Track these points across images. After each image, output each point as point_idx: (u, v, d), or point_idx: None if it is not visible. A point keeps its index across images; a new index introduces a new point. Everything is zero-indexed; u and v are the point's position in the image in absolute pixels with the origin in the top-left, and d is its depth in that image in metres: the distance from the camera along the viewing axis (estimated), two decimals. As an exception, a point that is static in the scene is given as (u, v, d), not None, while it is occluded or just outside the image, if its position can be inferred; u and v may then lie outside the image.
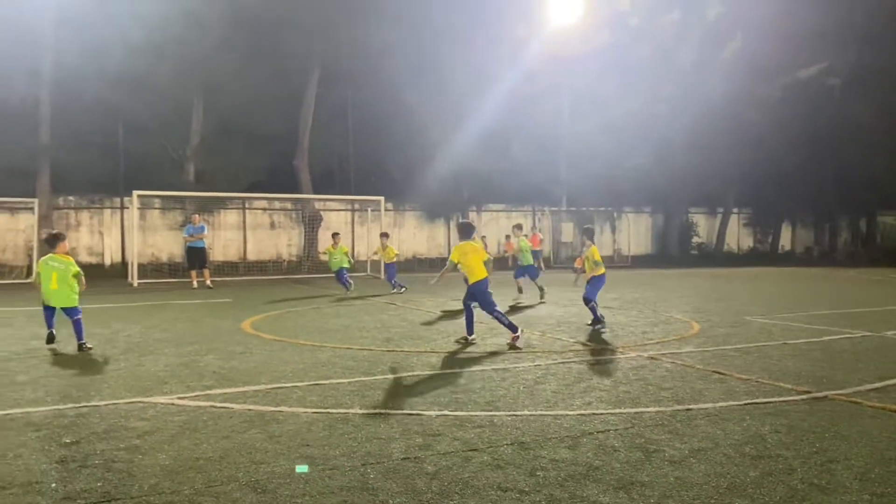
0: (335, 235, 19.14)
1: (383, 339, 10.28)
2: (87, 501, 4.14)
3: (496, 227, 33.31)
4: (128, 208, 25.26)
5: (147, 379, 7.51)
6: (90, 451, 5.05)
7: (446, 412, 6.09)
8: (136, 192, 22.28)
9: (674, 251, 36.56)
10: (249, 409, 6.20)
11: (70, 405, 6.36)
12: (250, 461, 4.84)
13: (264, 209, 28.98)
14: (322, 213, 29.14)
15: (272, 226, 29.11)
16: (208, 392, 6.86)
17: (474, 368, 8.08)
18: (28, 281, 21.25)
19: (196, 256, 20.55)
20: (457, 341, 9.93)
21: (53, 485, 4.40)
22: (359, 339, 10.25)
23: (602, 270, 11.41)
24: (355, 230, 30.16)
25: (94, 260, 26.15)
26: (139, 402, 6.49)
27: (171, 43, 23.78)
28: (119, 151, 26.15)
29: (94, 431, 5.54)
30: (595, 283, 11.41)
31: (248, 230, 28.60)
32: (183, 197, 25.81)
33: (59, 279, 9.28)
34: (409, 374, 7.78)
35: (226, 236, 28.06)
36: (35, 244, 22.59)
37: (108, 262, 26.27)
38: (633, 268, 32.47)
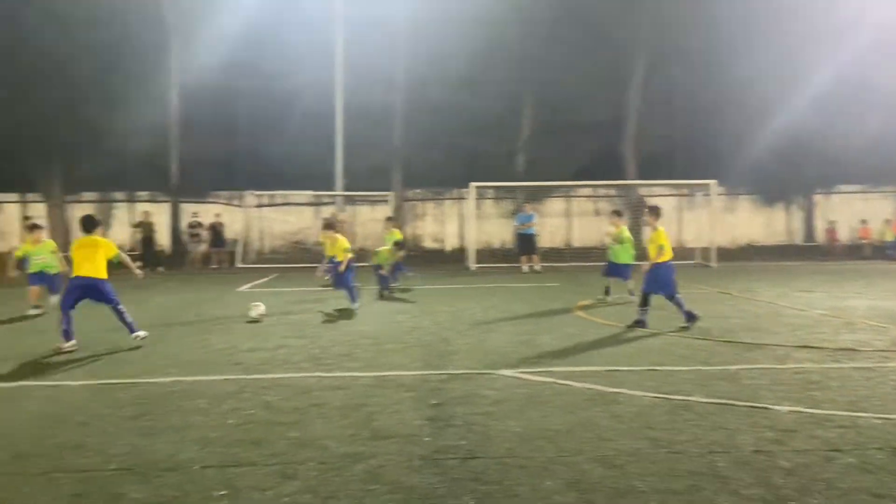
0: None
1: (722, 329, 9.81)
2: (455, 456, 4.69)
3: (849, 211, 29.53)
4: (466, 199, 27.49)
5: (493, 353, 8.17)
6: (452, 413, 5.68)
7: (800, 408, 5.65)
8: (473, 184, 24.22)
9: None
10: (589, 388, 6.41)
11: (431, 371, 7.21)
12: (596, 437, 5.03)
13: (588, 196, 29.37)
14: (647, 199, 28.61)
15: (596, 213, 29.38)
16: (549, 369, 7.24)
17: (830, 365, 7.34)
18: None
19: (526, 243, 21.72)
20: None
21: (427, 439, 5.06)
22: (695, 327, 9.91)
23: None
24: (683, 216, 29.09)
25: (436, 245, 29.09)
26: (488, 373, 7.10)
27: (504, 44, 25.32)
28: (458, 148, 28.55)
29: (453, 396, 6.21)
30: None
31: (574, 217, 29.27)
32: (514, 187, 27.32)
33: None
34: (752, 366, 7.34)
35: (552, 223, 29.05)
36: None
37: (448, 247, 28.95)
38: None
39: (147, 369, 7.48)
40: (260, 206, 27.56)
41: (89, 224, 9.10)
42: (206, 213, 26.14)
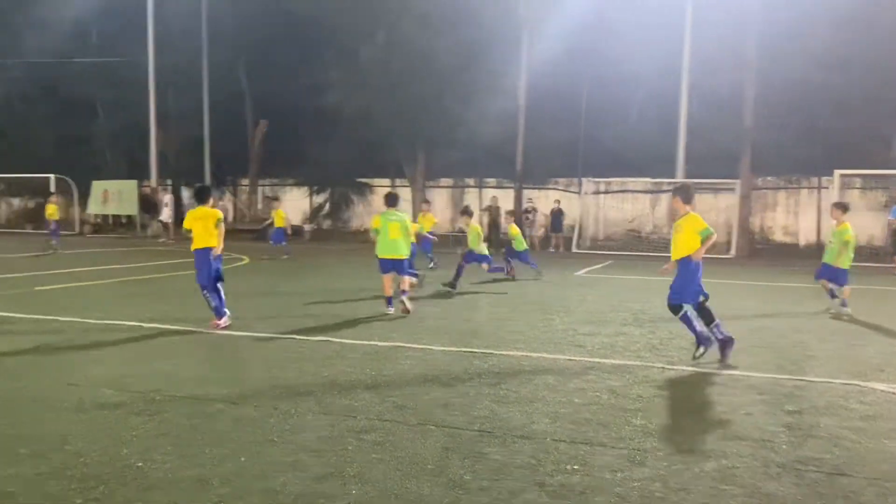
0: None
1: None
2: (819, 469, 4.30)
3: None
4: (826, 188, 24.64)
5: (862, 364, 7.26)
6: (813, 423, 5.20)
7: None
8: (837, 172, 21.60)
9: None
10: None
11: (785, 376, 6.66)
12: None
13: None
14: None
15: None
16: (936, 389, 6.24)
17: None
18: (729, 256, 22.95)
19: (904, 241, 18.80)
20: None
21: (784, 446, 4.71)
22: None
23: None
24: None
25: (788, 240, 26.57)
26: (855, 384, 6.35)
27: (880, 9, 21.96)
28: (818, 130, 25.59)
29: (814, 405, 5.68)
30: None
31: (968, 212, 24.44)
32: (889, 176, 23.71)
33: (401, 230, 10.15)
34: None
35: (937, 219, 24.61)
36: (735, 224, 24.26)
37: (802, 242, 26.25)
38: None
39: (498, 342, 8.11)
40: (597, 192, 27.84)
41: (201, 194, 9.27)
42: (545, 199, 27.21)
